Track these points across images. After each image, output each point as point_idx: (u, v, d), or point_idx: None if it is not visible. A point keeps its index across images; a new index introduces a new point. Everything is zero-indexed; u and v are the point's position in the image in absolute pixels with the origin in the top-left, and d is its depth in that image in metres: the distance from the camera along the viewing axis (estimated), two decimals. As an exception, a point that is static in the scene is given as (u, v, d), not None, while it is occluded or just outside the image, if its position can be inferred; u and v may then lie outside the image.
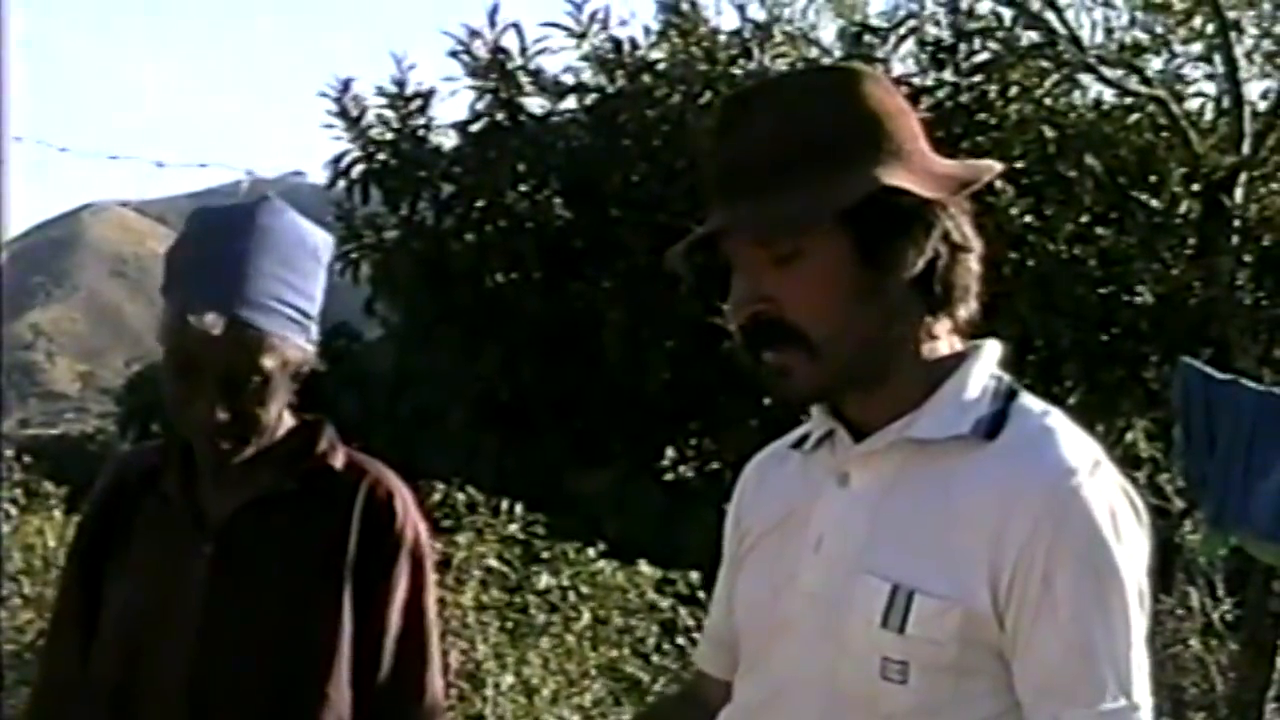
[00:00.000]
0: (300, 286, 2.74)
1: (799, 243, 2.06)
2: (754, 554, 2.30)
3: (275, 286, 2.69)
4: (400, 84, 15.36)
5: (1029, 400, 2.14)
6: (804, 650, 2.14)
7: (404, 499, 2.84)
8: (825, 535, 2.15)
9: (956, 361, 2.14)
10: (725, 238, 2.11)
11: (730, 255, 2.12)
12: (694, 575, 8.45)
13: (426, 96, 15.43)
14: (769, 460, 2.38)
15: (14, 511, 9.70)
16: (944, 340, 2.15)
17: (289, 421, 2.83)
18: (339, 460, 2.84)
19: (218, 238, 2.73)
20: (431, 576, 2.88)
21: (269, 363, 2.69)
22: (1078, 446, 2.07)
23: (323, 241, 2.82)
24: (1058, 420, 2.11)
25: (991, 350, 2.18)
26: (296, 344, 2.73)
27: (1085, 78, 15.18)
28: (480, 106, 15.18)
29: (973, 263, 2.14)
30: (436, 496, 7.75)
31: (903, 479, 2.12)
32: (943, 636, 2.02)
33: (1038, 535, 2.00)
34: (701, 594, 8.40)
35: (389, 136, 15.30)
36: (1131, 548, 2.05)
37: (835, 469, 2.18)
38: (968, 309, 2.15)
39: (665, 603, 8.57)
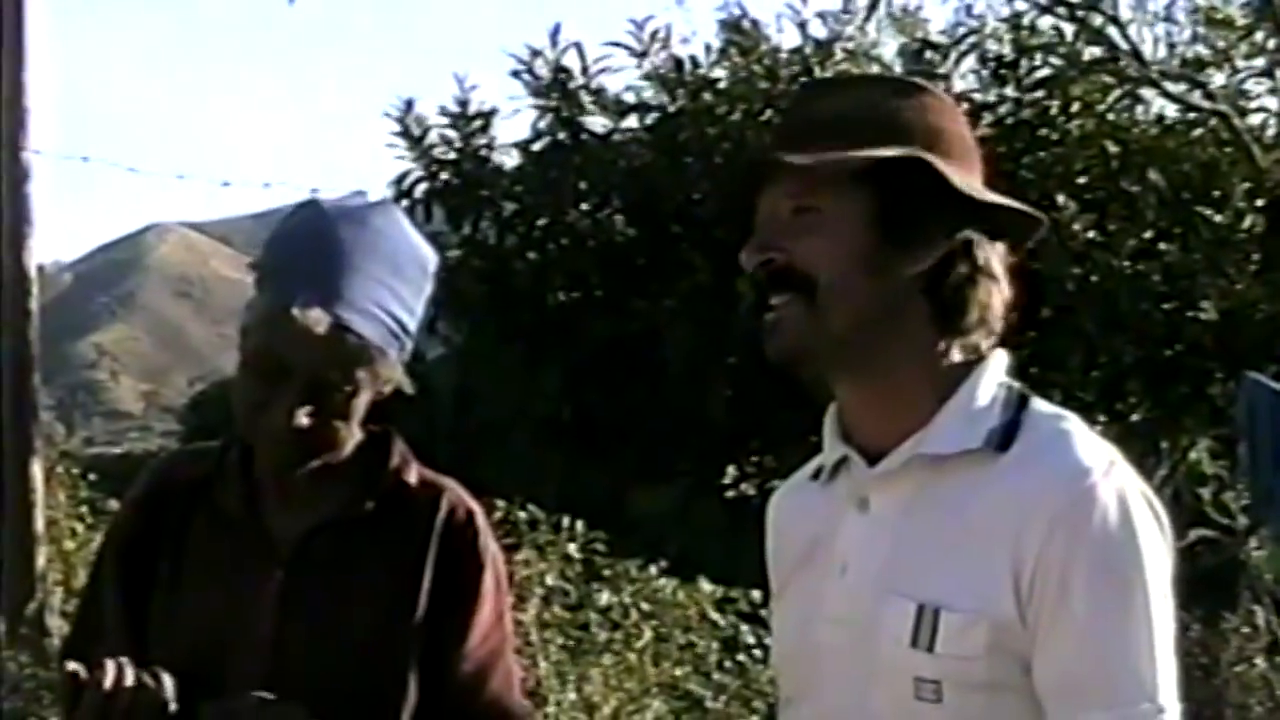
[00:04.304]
0: (405, 298, 2.60)
1: (820, 196, 2.11)
2: (787, 590, 2.31)
3: (382, 294, 2.57)
4: (463, 104, 15.41)
5: (1041, 406, 2.14)
6: (838, 678, 2.14)
7: (482, 519, 2.73)
8: (849, 561, 2.15)
9: (964, 372, 2.15)
10: (761, 181, 2.17)
11: (761, 209, 2.18)
12: (755, 593, 8.45)
13: (489, 116, 15.46)
14: (788, 495, 2.39)
15: (80, 529, 9.78)
16: (953, 356, 2.16)
17: (357, 435, 2.66)
18: (413, 477, 2.70)
19: (328, 232, 2.58)
20: (509, 598, 2.78)
21: (362, 374, 2.56)
22: (1092, 448, 2.07)
23: (431, 258, 2.69)
24: (1071, 424, 2.11)
25: (999, 359, 2.18)
26: (391, 360, 2.60)
27: (1148, 93, 15.13)
28: (542, 126, 15.21)
29: (997, 297, 2.16)
30: (498, 514, 7.77)
31: (920, 498, 2.12)
32: (972, 652, 2.02)
33: (1054, 536, 2.00)
34: (763, 611, 8.40)
35: (451, 156, 15.34)
36: (1152, 548, 2.03)
37: (854, 495, 2.18)
38: (987, 338, 2.17)
39: (726, 620, 8.57)
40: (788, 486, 2.39)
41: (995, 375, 2.16)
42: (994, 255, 2.16)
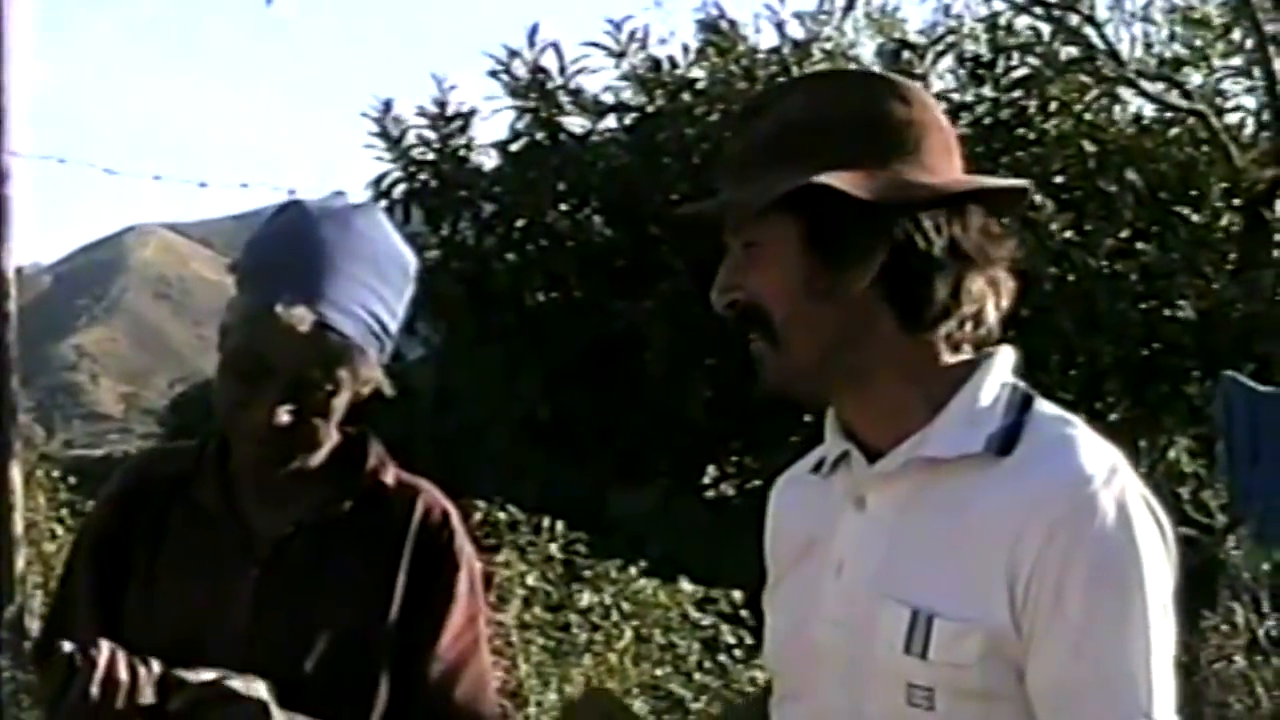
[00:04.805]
0: (387, 300, 2.61)
1: (758, 230, 2.09)
2: (783, 584, 2.27)
3: (364, 295, 2.57)
4: (441, 104, 15.42)
5: (1045, 409, 2.09)
6: (832, 680, 2.11)
7: (457, 520, 2.72)
8: (845, 561, 2.12)
9: (965, 372, 2.09)
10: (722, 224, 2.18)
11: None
12: (736, 593, 8.45)
13: (467, 117, 15.48)
14: (789, 486, 2.34)
15: (60, 531, 9.77)
16: (944, 355, 2.10)
17: (334, 436, 2.66)
18: (390, 478, 2.70)
19: (311, 232, 2.58)
20: (483, 599, 2.77)
21: (343, 373, 2.55)
22: (1095, 454, 2.01)
23: (411, 261, 2.68)
24: (1075, 429, 2.05)
25: (1004, 358, 2.12)
26: (372, 360, 2.60)
27: (1125, 92, 15.17)
28: (520, 126, 15.23)
29: (971, 280, 2.09)
30: (478, 515, 7.76)
31: (918, 500, 2.07)
32: (965, 660, 1.98)
33: (1052, 542, 1.95)
34: (744, 612, 8.41)
35: (430, 157, 15.35)
36: (1152, 558, 1.99)
37: (852, 492, 2.14)
38: (969, 328, 2.11)
39: (707, 620, 8.57)
40: (789, 477, 2.35)
41: (999, 375, 2.10)
42: (967, 233, 2.08)
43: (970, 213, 2.10)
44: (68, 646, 2.41)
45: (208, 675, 2.45)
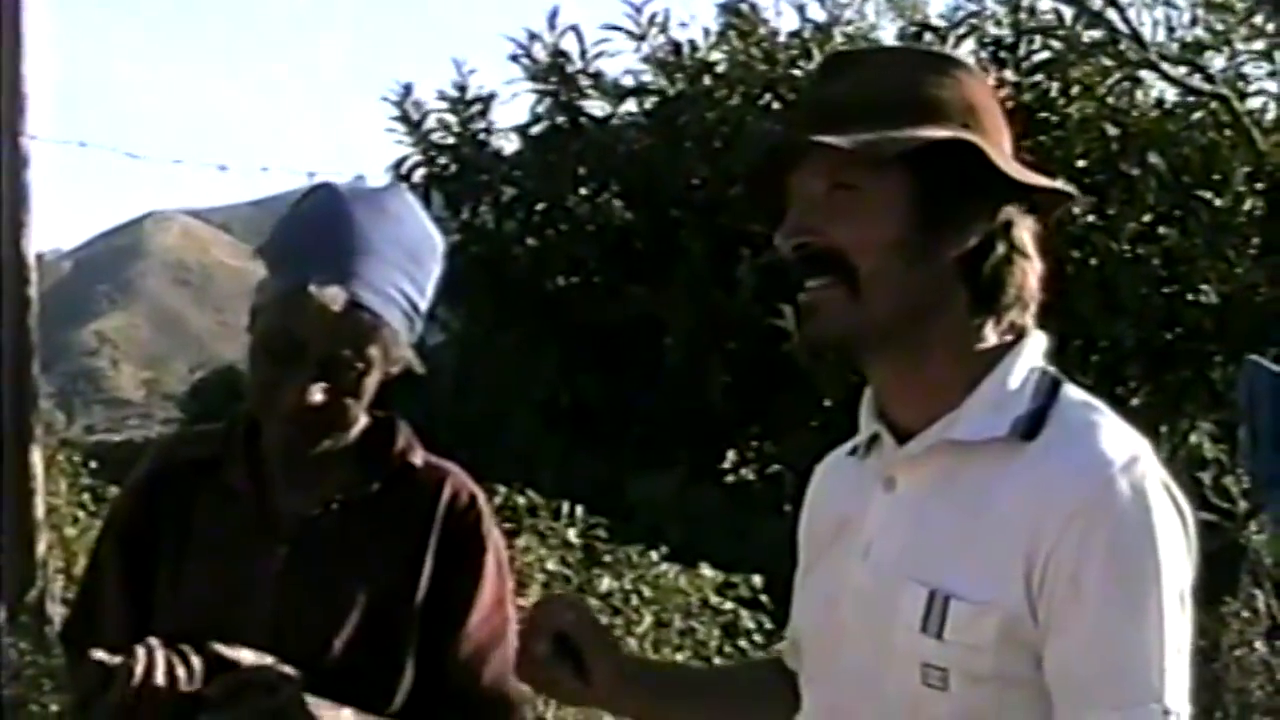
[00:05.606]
0: (419, 281, 2.62)
1: (861, 176, 2.06)
2: (815, 568, 2.29)
3: (396, 275, 2.58)
4: (461, 88, 15.40)
5: (1073, 394, 2.10)
6: (856, 658, 2.12)
7: (485, 504, 2.74)
8: (873, 541, 2.13)
9: (997, 355, 2.11)
10: (793, 162, 2.13)
11: (793, 189, 2.13)
12: (756, 578, 8.45)
13: (487, 100, 15.45)
14: (830, 468, 2.37)
15: (81, 516, 9.78)
16: (988, 340, 2.12)
17: (363, 420, 2.68)
18: (418, 459, 2.72)
19: (343, 213, 2.59)
20: (510, 583, 2.77)
21: (374, 352, 2.56)
22: (1117, 441, 2.02)
23: (440, 242, 2.70)
24: (1100, 415, 2.06)
25: (1035, 343, 2.14)
26: (402, 340, 2.60)
27: (1148, 76, 15.12)
28: (540, 110, 15.20)
29: (1032, 275, 2.12)
30: (498, 499, 7.76)
31: (944, 482, 2.08)
32: (980, 642, 1.99)
33: (1069, 529, 1.95)
34: (764, 597, 8.40)
35: (450, 141, 15.33)
36: (1170, 546, 1.98)
37: (882, 474, 2.16)
38: (1020, 317, 2.13)
39: (727, 605, 8.56)
40: (829, 461, 2.37)
41: (1029, 359, 2.11)
42: (1027, 232, 2.13)
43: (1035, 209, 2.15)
44: (102, 655, 2.40)
45: (248, 655, 2.45)
